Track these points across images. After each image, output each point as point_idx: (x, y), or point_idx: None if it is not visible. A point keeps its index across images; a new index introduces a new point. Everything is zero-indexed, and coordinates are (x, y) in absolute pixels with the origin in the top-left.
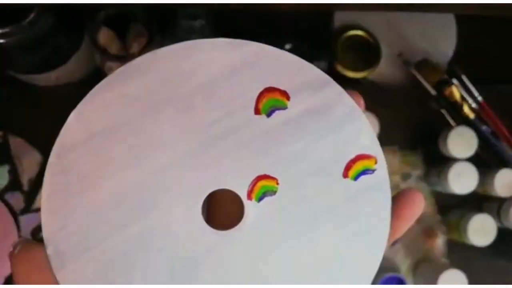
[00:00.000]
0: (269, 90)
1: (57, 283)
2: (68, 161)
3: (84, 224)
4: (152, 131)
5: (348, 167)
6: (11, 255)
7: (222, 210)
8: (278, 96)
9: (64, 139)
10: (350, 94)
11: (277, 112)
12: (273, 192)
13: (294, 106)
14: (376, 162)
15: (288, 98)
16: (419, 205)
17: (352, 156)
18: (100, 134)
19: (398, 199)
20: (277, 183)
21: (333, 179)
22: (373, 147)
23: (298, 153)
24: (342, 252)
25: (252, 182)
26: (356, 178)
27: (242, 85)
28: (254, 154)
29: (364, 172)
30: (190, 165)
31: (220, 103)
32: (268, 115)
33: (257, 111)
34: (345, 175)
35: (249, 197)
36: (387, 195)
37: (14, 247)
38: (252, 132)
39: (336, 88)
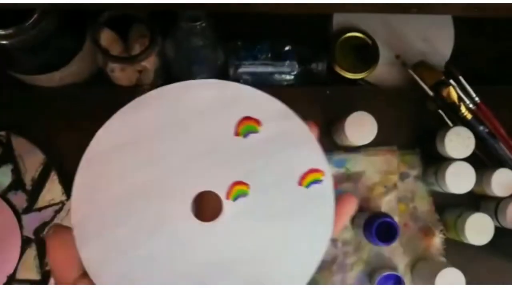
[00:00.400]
0: (246, 118)
1: (79, 258)
2: (94, 164)
3: (102, 213)
4: (156, 147)
5: (302, 178)
6: (46, 237)
7: (206, 207)
8: (253, 123)
9: (93, 147)
10: (307, 124)
11: (251, 135)
12: (245, 194)
13: (264, 131)
14: (323, 175)
15: (260, 125)
16: (352, 205)
17: (306, 169)
18: (119, 147)
19: (337, 201)
20: (249, 188)
21: (291, 186)
22: (322, 164)
23: (265, 166)
24: (297, 238)
25: (230, 186)
26: (308, 186)
27: (226, 115)
28: (232, 165)
29: (315, 182)
30: (184, 172)
31: (209, 127)
32: (245, 136)
33: (236, 134)
34: (300, 183)
35: (227, 197)
36: (331, 199)
37: (48, 230)
38: (231, 149)
39: (296, 119)
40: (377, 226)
